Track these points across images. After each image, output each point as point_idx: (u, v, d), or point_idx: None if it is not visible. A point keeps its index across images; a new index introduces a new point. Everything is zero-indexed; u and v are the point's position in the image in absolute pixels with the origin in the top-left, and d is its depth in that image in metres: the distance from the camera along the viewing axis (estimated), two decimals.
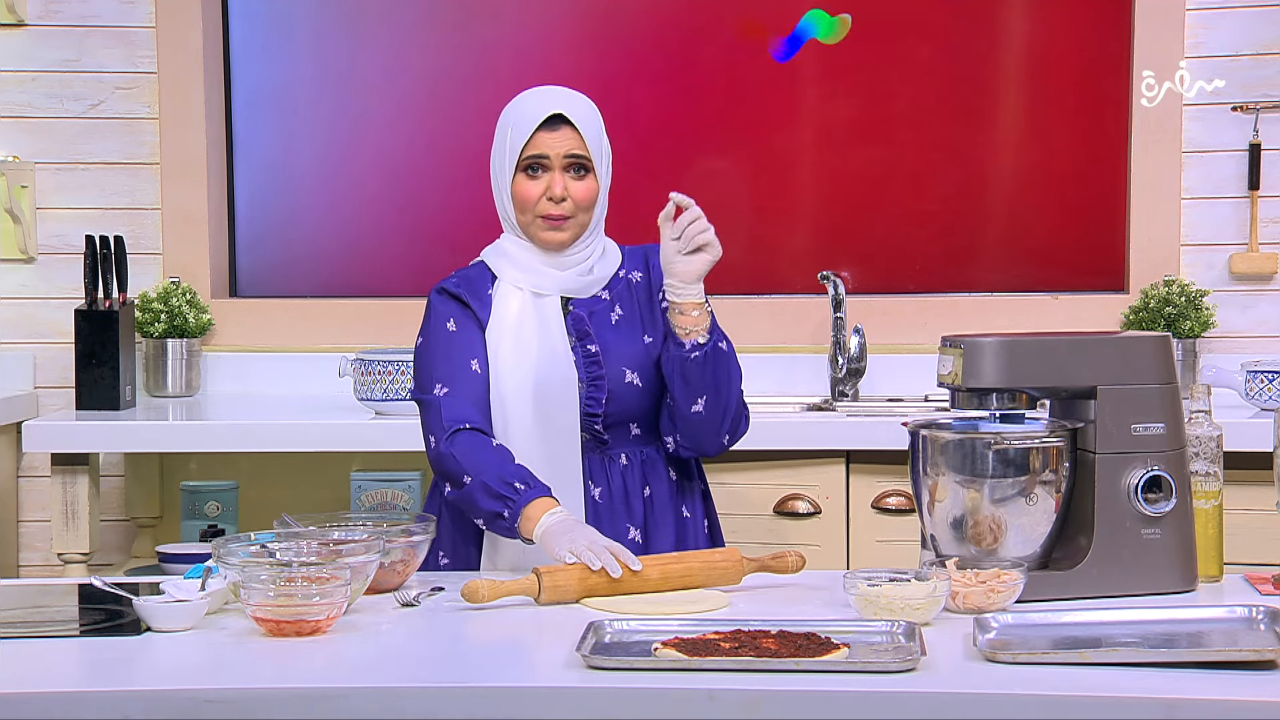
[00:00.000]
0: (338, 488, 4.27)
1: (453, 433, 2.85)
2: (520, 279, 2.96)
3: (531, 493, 2.76)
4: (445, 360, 2.93)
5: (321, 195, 4.66)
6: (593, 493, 2.93)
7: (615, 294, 3.00)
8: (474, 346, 2.93)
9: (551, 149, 2.93)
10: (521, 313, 2.94)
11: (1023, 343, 2.71)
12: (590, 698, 2.16)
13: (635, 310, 2.99)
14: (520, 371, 2.91)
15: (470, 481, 2.81)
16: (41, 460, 4.35)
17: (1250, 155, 4.40)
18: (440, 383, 2.91)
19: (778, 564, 2.71)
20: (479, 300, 2.97)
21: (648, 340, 2.97)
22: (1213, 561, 2.74)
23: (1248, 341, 4.41)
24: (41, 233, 4.54)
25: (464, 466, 2.82)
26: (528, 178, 2.94)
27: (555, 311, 2.95)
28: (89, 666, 2.33)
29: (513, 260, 2.98)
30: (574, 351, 2.93)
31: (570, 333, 2.94)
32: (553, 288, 2.96)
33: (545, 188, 2.93)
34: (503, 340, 2.93)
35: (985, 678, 2.19)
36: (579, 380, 2.92)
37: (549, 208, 2.93)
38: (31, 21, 4.51)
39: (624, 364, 2.94)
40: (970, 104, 4.56)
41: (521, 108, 2.98)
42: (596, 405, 2.92)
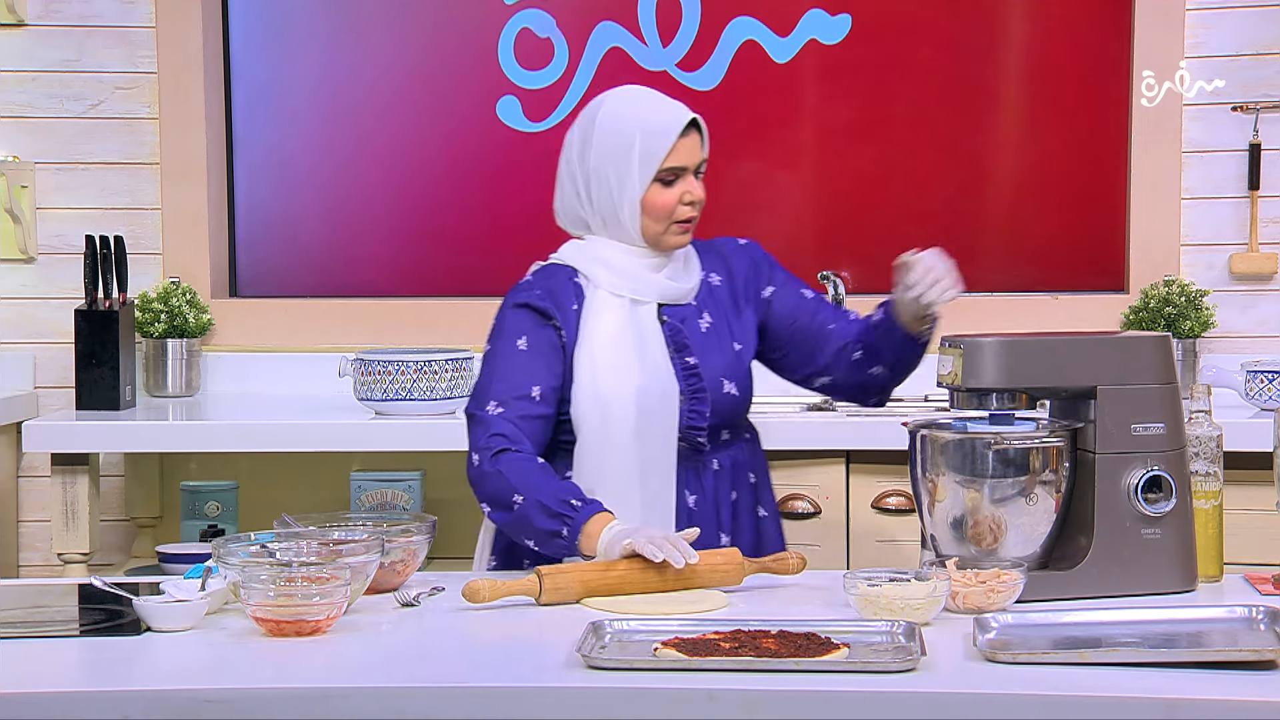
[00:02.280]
0: (338, 488, 4.27)
1: (498, 452, 2.81)
2: (619, 285, 2.91)
3: (589, 509, 2.71)
4: (504, 379, 2.87)
5: (321, 195, 4.66)
6: (688, 501, 2.91)
7: (701, 300, 2.97)
8: (541, 371, 2.87)
9: (689, 159, 2.90)
10: (620, 324, 2.90)
11: (1023, 343, 2.71)
12: (590, 698, 2.16)
13: (722, 317, 2.97)
14: (622, 385, 2.86)
15: (522, 501, 2.75)
16: (41, 460, 4.35)
17: (1250, 155, 4.40)
18: (496, 401, 2.85)
19: (779, 565, 2.71)
20: (564, 315, 2.91)
21: (737, 348, 2.96)
22: (1213, 561, 2.74)
23: (1248, 341, 4.41)
24: (41, 233, 4.54)
25: (513, 485, 2.77)
26: (664, 187, 2.89)
27: (652, 322, 2.92)
28: (89, 666, 2.33)
29: (610, 265, 2.92)
30: (673, 364, 2.90)
31: (668, 344, 2.92)
32: (652, 294, 2.93)
33: (682, 194, 2.89)
34: (600, 353, 2.88)
35: (985, 678, 2.19)
36: (680, 394, 2.89)
37: (687, 212, 2.90)
38: (31, 21, 4.51)
39: (720, 374, 2.92)
40: (970, 104, 4.56)
41: (645, 116, 2.90)
42: (700, 419, 2.89)
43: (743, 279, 3.01)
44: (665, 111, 2.91)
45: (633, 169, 2.88)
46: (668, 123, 2.89)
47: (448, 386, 4.04)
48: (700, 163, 2.92)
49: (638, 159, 2.88)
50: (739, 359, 2.96)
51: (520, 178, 4.62)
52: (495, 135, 4.61)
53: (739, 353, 2.96)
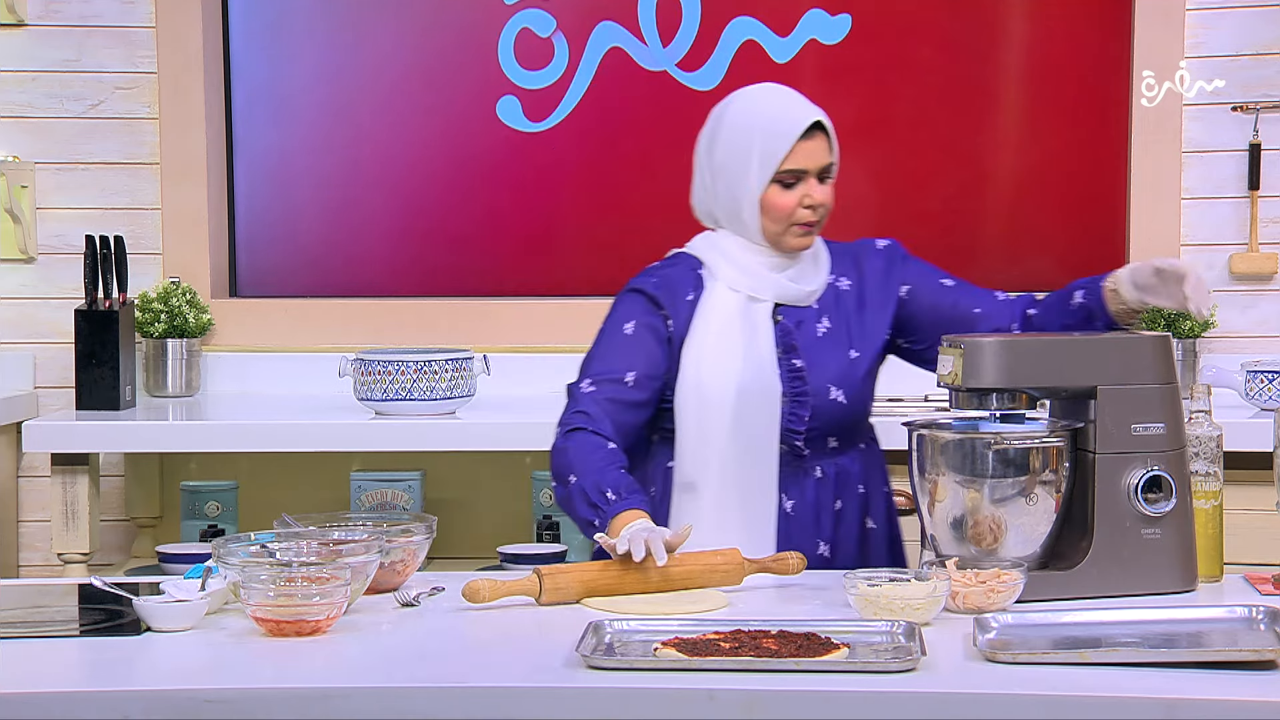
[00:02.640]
0: (338, 488, 4.27)
1: (572, 429, 2.83)
2: (738, 281, 2.90)
3: (622, 504, 2.71)
4: (604, 360, 2.90)
5: (321, 195, 4.66)
6: (785, 505, 2.89)
7: (823, 304, 2.95)
8: (640, 357, 2.89)
9: (810, 162, 2.87)
10: (731, 319, 2.89)
11: (1023, 343, 2.71)
12: (590, 698, 2.16)
13: (843, 322, 2.94)
14: (723, 380, 2.86)
15: (574, 483, 2.77)
16: (41, 460, 4.35)
17: (1250, 155, 4.40)
18: (590, 379, 2.88)
19: (778, 565, 2.71)
20: (675, 305, 2.91)
21: (854, 355, 2.92)
22: (1213, 561, 2.74)
23: (1248, 341, 4.41)
24: (41, 233, 4.54)
25: (572, 464, 2.79)
26: (783, 189, 2.87)
27: (765, 320, 2.90)
28: (89, 666, 2.32)
29: (732, 260, 2.92)
30: (779, 365, 2.89)
31: (777, 344, 2.90)
32: (769, 293, 2.91)
33: (801, 196, 2.87)
34: (707, 346, 2.88)
35: (985, 678, 2.19)
36: (782, 395, 2.88)
37: (806, 215, 2.88)
38: (31, 21, 4.51)
39: (828, 380, 2.90)
40: (970, 104, 4.56)
41: (770, 117, 2.88)
42: (799, 422, 2.88)
43: (875, 282, 2.97)
44: (787, 113, 2.88)
45: (752, 169, 2.87)
46: (787, 125, 2.86)
47: (448, 386, 4.04)
48: (825, 166, 2.89)
49: (757, 159, 2.87)
50: (853, 367, 2.92)
51: (520, 178, 4.62)
52: (495, 135, 4.61)
53: (854, 360, 2.92)
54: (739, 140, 2.88)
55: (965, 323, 2.94)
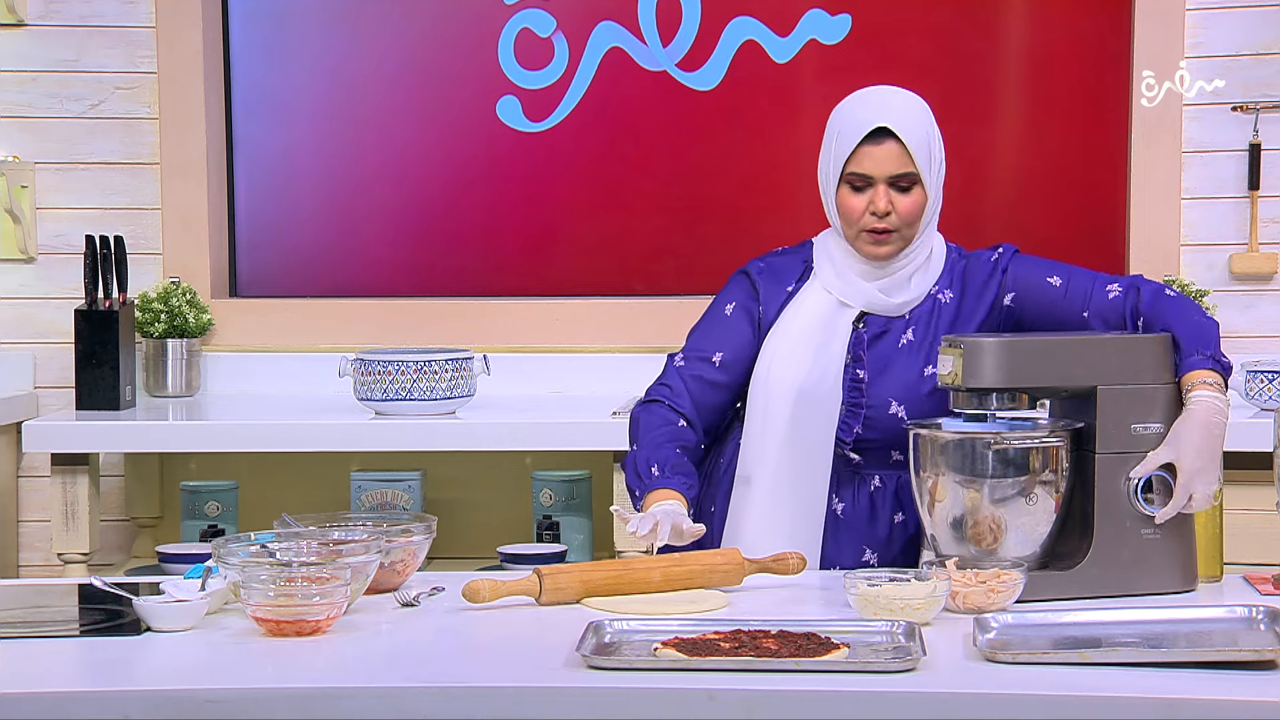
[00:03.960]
0: (338, 488, 4.27)
1: (650, 400, 2.91)
2: (833, 285, 2.91)
3: (662, 480, 2.78)
4: (700, 337, 2.96)
5: (321, 195, 4.66)
6: (835, 506, 2.89)
7: (916, 315, 2.91)
8: (731, 338, 2.93)
9: (875, 169, 2.84)
10: (814, 319, 2.90)
11: (1023, 342, 2.71)
12: (590, 698, 2.15)
13: (929, 336, 2.90)
14: (788, 377, 2.88)
15: (633, 451, 2.86)
16: (41, 460, 4.35)
17: (1250, 155, 4.40)
18: (684, 355, 2.95)
19: (779, 566, 2.71)
20: (772, 291, 2.94)
21: (928, 372, 2.89)
22: (1212, 561, 2.74)
23: (1248, 341, 4.41)
24: (41, 233, 4.54)
25: (638, 433, 2.88)
26: (851, 191, 2.87)
27: (845, 326, 2.90)
28: (89, 666, 2.32)
29: (834, 263, 2.92)
30: (845, 372, 2.89)
31: (849, 351, 2.90)
32: (860, 301, 2.90)
33: (869, 203, 2.85)
34: (783, 342, 2.90)
35: (985, 678, 2.19)
36: (842, 403, 2.87)
37: (873, 222, 2.86)
38: (31, 21, 4.51)
39: (892, 394, 2.88)
40: (970, 104, 4.56)
41: (847, 114, 2.89)
42: (847, 432, 2.87)
43: (973, 296, 2.92)
44: (857, 115, 2.87)
45: (830, 168, 2.90)
46: (853, 127, 2.86)
47: (448, 386, 4.04)
48: (897, 175, 2.84)
49: (832, 158, 2.89)
50: (922, 383, 2.88)
51: (520, 177, 4.62)
52: (495, 135, 4.61)
53: (926, 377, 2.88)
54: (827, 138, 2.92)
55: (1076, 326, 2.87)
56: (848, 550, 2.87)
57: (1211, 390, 2.65)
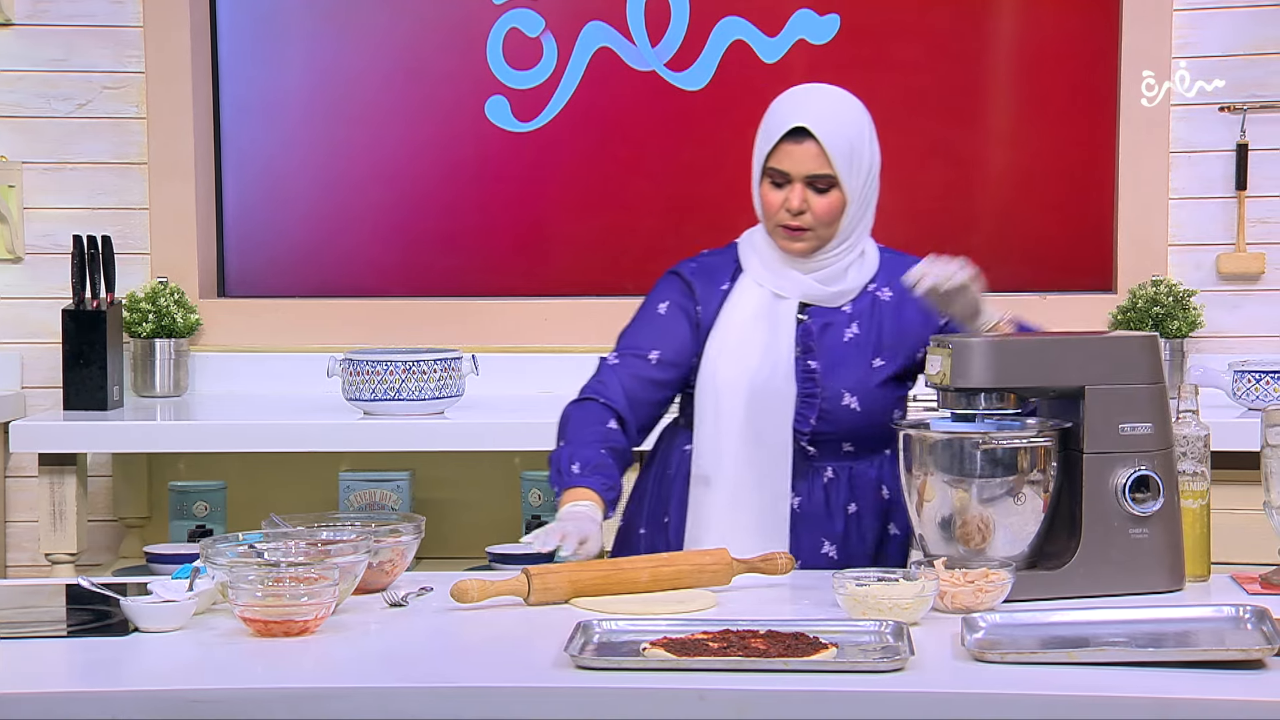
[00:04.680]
0: (326, 488, 4.26)
1: (583, 399, 2.90)
2: (764, 277, 2.93)
3: (579, 479, 2.78)
4: (633, 336, 2.96)
5: (310, 195, 4.66)
6: (791, 501, 2.90)
7: (857, 310, 2.94)
8: (667, 337, 2.94)
9: (793, 167, 2.87)
10: (755, 314, 2.91)
11: (1011, 343, 2.72)
12: (579, 698, 2.16)
13: (873, 331, 2.93)
14: (738, 373, 2.88)
15: (560, 447, 2.85)
16: (29, 460, 4.34)
17: (1238, 155, 4.41)
18: (617, 353, 2.95)
19: (767, 566, 2.71)
20: (708, 291, 2.95)
21: (877, 364, 2.91)
22: (1200, 561, 2.75)
23: (1235, 341, 4.42)
24: (29, 232, 4.53)
25: (567, 430, 2.87)
26: (772, 186, 2.90)
27: (788, 318, 2.92)
28: (77, 667, 2.32)
29: (761, 256, 2.95)
30: (795, 364, 2.90)
31: (797, 344, 2.91)
32: (794, 292, 2.92)
33: (785, 199, 2.88)
34: (729, 338, 2.91)
35: (973, 677, 2.20)
36: (796, 395, 2.88)
37: (787, 219, 2.88)
38: (19, 21, 4.50)
39: (843, 386, 2.89)
40: (959, 104, 4.57)
41: (776, 109, 2.92)
42: (804, 423, 2.88)
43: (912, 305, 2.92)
44: (783, 112, 2.90)
45: (755, 162, 2.93)
46: (775, 124, 2.89)
47: (436, 386, 4.04)
48: (814, 175, 2.86)
49: (757, 151, 2.92)
50: (872, 375, 2.91)
51: (508, 177, 4.62)
52: (484, 135, 4.61)
53: (876, 369, 2.91)
54: (759, 131, 2.94)
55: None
56: (806, 544, 2.87)
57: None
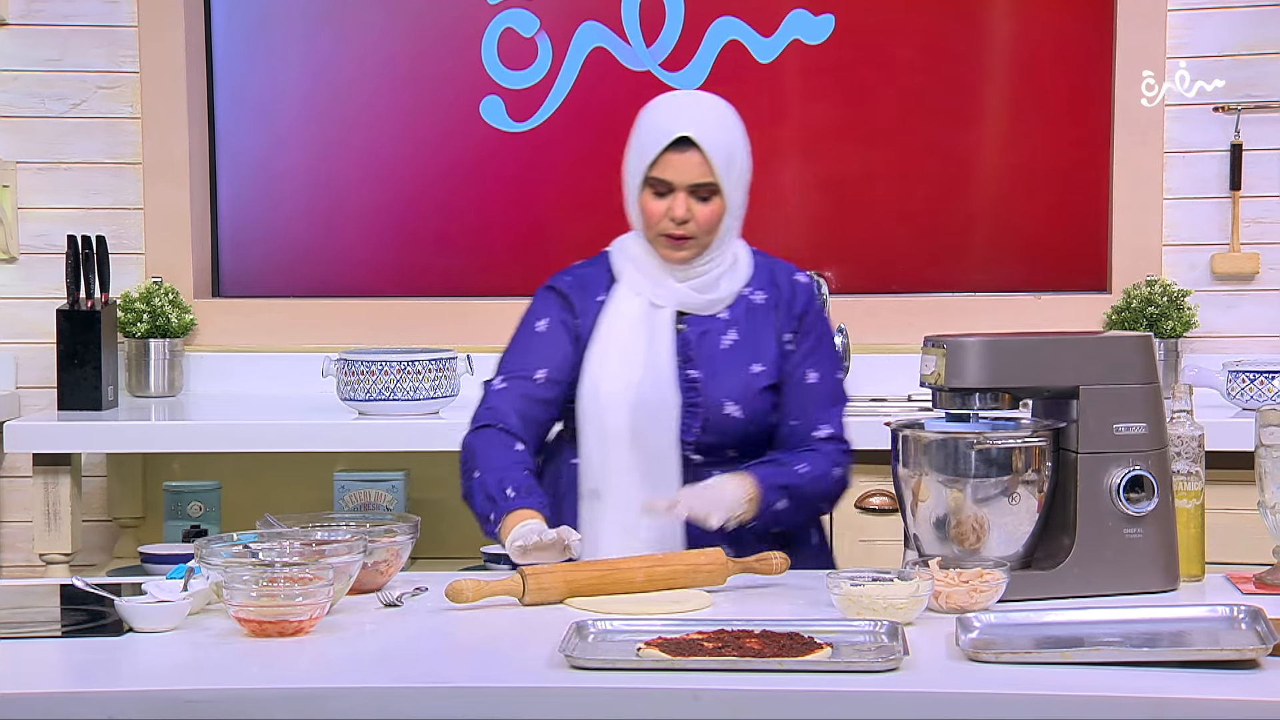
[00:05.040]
0: (321, 488, 4.26)
1: (480, 426, 2.86)
2: (640, 286, 2.92)
3: (519, 501, 2.74)
4: (517, 357, 2.93)
5: (305, 195, 4.66)
6: None
7: (734, 315, 2.93)
8: (552, 355, 2.91)
9: (677, 177, 2.85)
10: (632, 325, 2.90)
11: (1005, 343, 2.72)
12: (573, 698, 2.16)
13: (751, 335, 2.93)
14: (620, 386, 2.87)
15: (476, 478, 2.81)
16: (23, 460, 4.34)
17: (1232, 155, 4.41)
18: (503, 376, 2.92)
19: (762, 566, 2.71)
20: (585, 304, 2.93)
21: (756, 370, 2.91)
22: (1194, 561, 2.75)
23: (1229, 341, 4.42)
24: (23, 232, 4.53)
25: (476, 460, 2.83)
26: (653, 195, 2.87)
27: (666, 328, 2.90)
28: (71, 667, 2.32)
29: (637, 265, 2.93)
30: (677, 374, 2.88)
31: (677, 354, 2.90)
32: (671, 301, 2.91)
33: (668, 208, 2.86)
34: (608, 351, 2.89)
35: (968, 677, 2.20)
36: (679, 405, 2.87)
37: (671, 228, 2.87)
38: (13, 21, 4.49)
39: (724, 394, 2.89)
40: (954, 104, 4.57)
41: (653, 121, 2.89)
42: (689, 433, 2.87)
43: (786, 308, 2.94)
44: (664, 121, 2.88)
45: (633, 170, 2.91)
46: (658, 133, 2.87)
47: (431, 387, 4.04)
48: (697, 184, 2.85)
49: (635, 162, 2.90)
50: (752, 381, 2.91)
51: (504, 178, 4.62)
52: (478, 135, 4.61)
53: (755, 375, 2.91)
54: (633, 141, 2.92)
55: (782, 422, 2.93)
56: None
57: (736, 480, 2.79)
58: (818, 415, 2.93)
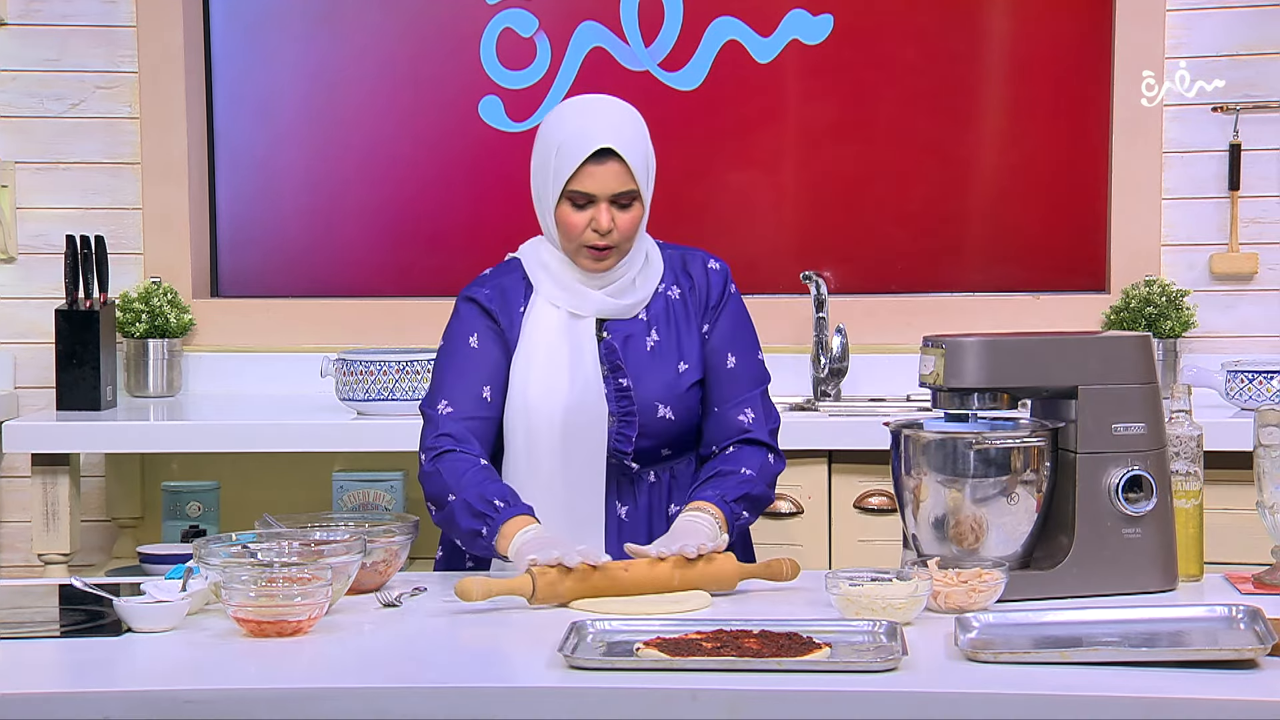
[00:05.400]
0: (319, 488, 4.26)
1: (440, 453, 2.79)
2: (558, 297, 2.88)
3: (511, 510, 2.70)
4: (457, 377, 2.86)
5: (303, 195, 4.66)
6: (618, 512, 2.88)
7: (653, 316, 2.91)
8: (490, 370, 2.86)
9: (599, 188, 2.80)
10: (555, 337, 2.86)
11: (1004, 343, 2.72)
12: (572, 698, 2.16)
13: (672, 334, 2.91)
14: (550, 401, 2.84)
15: (453, 500, 2.74)
16: (22, 461, 4.34)
17: (1230, 155, 4.41)
18: (445, 400, 2.85)
19: (771, 571, 2.69)
20: (509, 318, 2.89)
21: (683, 369, 2.89)
22: (1193, 561, 2.75)
23: (1228, 341, 4.42)
24: (22, 232, 4.53)
25: (448, 484, 2.75)
26: (573, 208, 2.83)
27: (589, 338, 2.87)
28: (70, 667, 2.32)
29: (553, 276, 2.89)
30: (605, 383, 2.86)
31: (603, 362, 2.87)
32: (590, 310, 2.88)
33: (590, 219, 2.82)
34: (533, 365, 2.86)
35: (967, 677, 2.20)
36: (609, 414, 2.85)
37: (594, 239, 2.83)
38: (12, 21, 4.49)
39: (655, 398, 2.87)
40: (952, 104, 4.57)
41: (567, 132, 2.82)
42: (626, 442, 2.85)
43: (702, 298, 2.93)
44: (581, 133, 2.80)
45: (548, 182, 2.85)
46: (577, 146, 2.80)
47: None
48: (619, 193, 2.81)
49: (551, 174, 2.83)
50: (680, 380, 2.89)
51: (502, 177, 4.62)
52: (477, 135, 4.61)
53: (682, 374, 2.89)
54: (544, 150, 2.86)
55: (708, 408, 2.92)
56: None
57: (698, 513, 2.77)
58: (740, 400, 2.92)
